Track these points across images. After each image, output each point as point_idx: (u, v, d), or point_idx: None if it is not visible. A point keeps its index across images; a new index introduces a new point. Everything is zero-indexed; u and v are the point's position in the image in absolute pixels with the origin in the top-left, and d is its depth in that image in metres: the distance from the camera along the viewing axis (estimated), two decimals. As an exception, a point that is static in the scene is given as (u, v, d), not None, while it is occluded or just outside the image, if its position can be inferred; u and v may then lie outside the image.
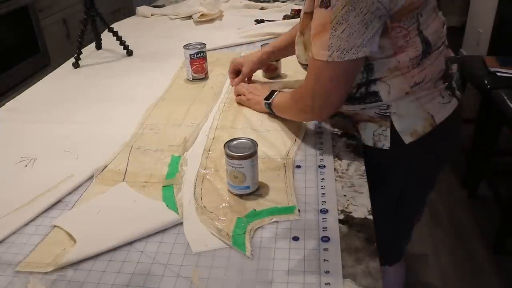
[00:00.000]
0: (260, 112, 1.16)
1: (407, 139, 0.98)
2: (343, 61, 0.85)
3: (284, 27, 1.79)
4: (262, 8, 2.20)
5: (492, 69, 2.13)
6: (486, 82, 2.08)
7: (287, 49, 1.25)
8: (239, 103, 1.22)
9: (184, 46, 1.38)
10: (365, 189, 0.87)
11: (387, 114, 0.97)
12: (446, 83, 1.00)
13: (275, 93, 1.10)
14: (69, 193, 0.90)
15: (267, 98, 1.11)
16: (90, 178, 0.94)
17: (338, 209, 0.81)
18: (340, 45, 0.83)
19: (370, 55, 0.89)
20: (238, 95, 1.23)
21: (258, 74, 1.40)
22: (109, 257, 0.74)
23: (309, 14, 0.93)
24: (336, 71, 0.88)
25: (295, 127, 1.09)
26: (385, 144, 1.00)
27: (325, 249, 0.73)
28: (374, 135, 1.01)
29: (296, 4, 2.18)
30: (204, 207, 0.84)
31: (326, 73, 0.88)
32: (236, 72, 1.33)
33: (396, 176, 1.07)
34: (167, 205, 0.84)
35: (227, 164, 0.85)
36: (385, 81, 0.93)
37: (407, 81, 0.93)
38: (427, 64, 0.93)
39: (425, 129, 0.98)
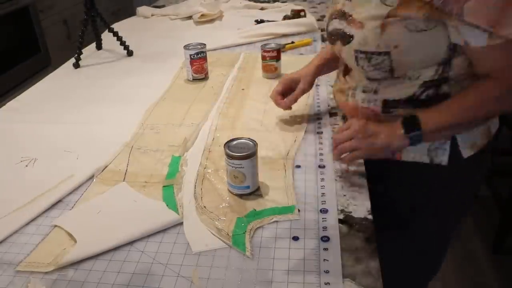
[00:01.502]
0: (383, 158, 0.86)
1: (466, 152, 0.86)
2: None
3: (284, 28, 1.79)
4: (262, 9, 2.20)
5: (492, 69, 2.13)
6: (486, 82, 2.07)
7: (336, 61, 1.06)
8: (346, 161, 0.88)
9: (184, 46, 1.38)
10: (365, 189, 0.87)
11: None
12: None
13: (418, 118, 0.82)
14: (70, 193, 0.90)
15: (411, 129, 0.81)
16: (91, 178, 0.95)
17: (338, 209, 0.81)
18: None
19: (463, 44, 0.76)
20: (337, 151, 0.87)
21: (258, 74, 1.40)
22: (110, 257, 0.74)
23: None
24: None
25: (295, 127, 1.09)
26: (443, 160, 0.87)
27: (325, 249, 0.73)
28: (430, 150, 0.87)
29: (296, 4, 2.18)
30: (204, 207, 0.84)
31: None
32: (284, 91, 1.09)
33: (449, 196, 0.94)
34: (167, 205, 0.84)
35: (227, 164, 0.85)
36: (461, 82, 0.81)
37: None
38: None
39: (483, 141, 0.88)
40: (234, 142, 0.87)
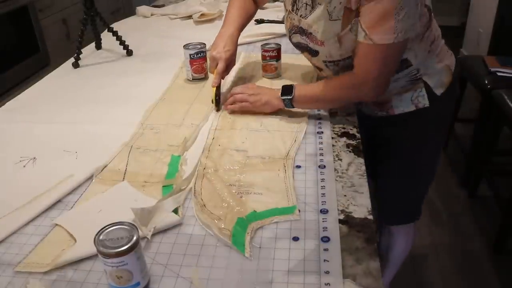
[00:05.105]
0: (268, 113, 1.14)
1: (439, 91, 1.14)
2: (404, 39, 0.98)
3: (284, 27, 1.78)
4: (262, 8, 2.20)
5: (492, 69, 2.13)
6: (486, 82, 2.07)
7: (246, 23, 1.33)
8: (236, 112, 1.16)
9: (184, 46, 1.37)
10: (365, 189, 0.86)
11: (419, 77, 1.12)
12: (443, 40, 1.18)
13: (294, 87, 1.11)
14: (69, 193, 0.90)
15: (286, 94, 1.10)
16: (90, 178, 0.94)
17: (338, 209, 0.81)
18: (403, 27, 0.95)
19: None
20: (233, 103, 1.17)
21: (258, 74, 1.40)
22: (109, 257, 0.74)
23: (351, 10, 0.99)
24: (398, 50, 1.01)
25: (295, 127, 1.09)
26: (425, 103, 1.14)
27: (325, 249, 0.73)
28: (412, 100, 1.14)
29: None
30: (204, 205, 0.83)
31: (392, 54, 1.01)
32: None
33: (438, 129, 1.25)
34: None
35: (104, 264, 0.64)
36: (410, 48, 1.06)
37: (425, 43, 1.09)
38: (433, 26, 1.10)
39: (448, 78, 1.15)
40: (106, 231, 0.67)
